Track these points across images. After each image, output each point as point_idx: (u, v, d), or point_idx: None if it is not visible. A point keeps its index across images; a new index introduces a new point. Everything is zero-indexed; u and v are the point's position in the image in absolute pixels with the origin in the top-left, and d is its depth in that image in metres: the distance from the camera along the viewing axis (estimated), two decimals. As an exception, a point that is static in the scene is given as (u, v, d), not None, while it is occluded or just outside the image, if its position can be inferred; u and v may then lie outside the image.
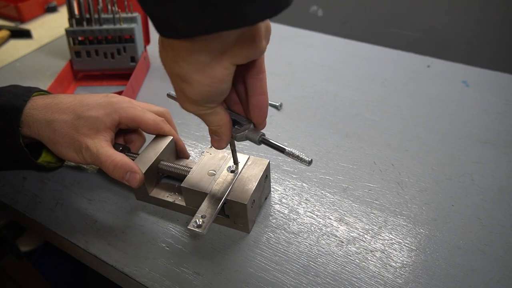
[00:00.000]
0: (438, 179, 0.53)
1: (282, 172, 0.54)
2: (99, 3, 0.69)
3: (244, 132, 0.39)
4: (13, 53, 0.85)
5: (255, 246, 0.45)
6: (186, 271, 0.43)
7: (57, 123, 0.47)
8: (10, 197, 0.53)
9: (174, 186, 0.51)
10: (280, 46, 0.83)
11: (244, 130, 0.39)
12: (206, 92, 0.32)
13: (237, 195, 0.43)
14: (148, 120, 0.50)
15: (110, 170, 0.45)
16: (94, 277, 0.92)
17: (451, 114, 0.64)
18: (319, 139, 0.60)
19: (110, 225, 0.48)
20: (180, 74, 0.31)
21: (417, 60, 0.77)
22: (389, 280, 0.41)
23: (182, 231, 0.47)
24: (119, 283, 0.47)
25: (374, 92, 0.69)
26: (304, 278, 0.42)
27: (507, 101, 0.66)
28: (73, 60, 0.73)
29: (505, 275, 0.41)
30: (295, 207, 0.49)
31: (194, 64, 0.30)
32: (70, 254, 0.51)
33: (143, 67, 0.74)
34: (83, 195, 0.52)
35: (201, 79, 0.31)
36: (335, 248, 0.45)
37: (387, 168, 0.54)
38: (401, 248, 0.44)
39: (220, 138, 0.39)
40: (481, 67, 0.74)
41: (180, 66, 0.31)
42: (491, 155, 0.56)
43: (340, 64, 0.77)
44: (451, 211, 0.48)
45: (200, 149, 0.59)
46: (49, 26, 0.96)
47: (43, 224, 0.50)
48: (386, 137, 0.60)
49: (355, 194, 0.51)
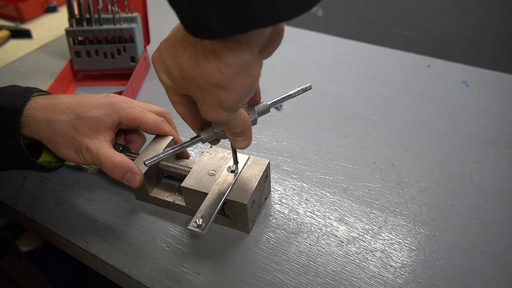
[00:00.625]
0: (438, 179, 0.53)
1: (282, 172, 0.54)
2: (99, 3, 0.69)
3: (255, 116, 0.41)
4: (13, 53, 0.85)
5: (255, 246, 0.45)
6: (186, 271, 0.43)
7: (57, 124, 0.47)
8: (10, 197, 0.53)
9: (174, 186, 0.51)
10: (280, 46, 0.83)
11: (253, 113, 0.40)
12: (245, 94, 0.31)
13: (237, 195, 0.43)
14: (148, 120, 0.50)
15: (110, 170, 0.45)
16: (94, 277, 0.92)
17: (451, 114, 0.64)
18: (319, 139, 0.60)
19: (110, 225, 0.48)
20: (221, 81, 0.30)
21: (417, 60, 0.77)
22: (389, 280, 0.41)
23: (182, 231, 0.47)
24: (119, 283, 0.47)
25: (374, 92, 0.69)
26: (304, 278, 0.42)
27: (507, 101, 0.66)
28: (73, 60, 0.73)
29: (505, 275, 0.41)
30: (295, 207, 0.49)
31: (237, 66, 0.29)
32: (70, 254, 0.51)
33: (143, 67, 0.74)
34: (83, 195, 0.52)
35: (243, 81, 0.30)
36: (335, 248, 0.45)
37: (387, 168, 0.54)
38: (401, 248, 0.44)
39: (245, 136, 0.39)
40: (481, 67, 0.74)
41: (222, 72, 0.29)
42: (491, 155, 0.56)
43: (340, 64, 0.77)
44: (451, 211, 0.48)
45: (200, 149, 0.59)
46: (49, 26, 0.96)
47: (43, 224, 0.50)
48: (386, 137, 0.60)
49: (355, 194, 0.51)
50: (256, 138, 0.60)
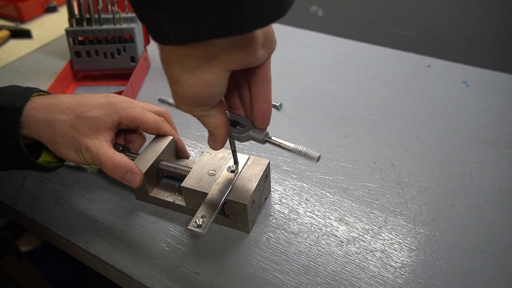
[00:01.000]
0: (438, 179, 0.53)
1: (282, 172, 0.54)
2: (99, 3, 0.69)
3: (248, 132, 0.39)
4: (13, 53, 0.85)
5: (255, 246, 0.45)
6: (186, 271, 0.43)
7: (57, 124, 0.47)
8: (10, 197, 0.53)
9: (174, 186, 0.51)
10: (280, 46, 0.83)
11: (248, 130, 0.39)
12: (196, 94, 0.32)
13: (237, 195, 0.43)
14: (148, 120, 0.50)
15: (110, 170, 0.45)
16: (94, 277, 0.92)
17: (451, 114, 0.64)
18: (319, 139, 0.60)
19: (110, 225, 0.48)
20: (171, 75, 0.31)
21: (417, 60, 0.77)
22: (389, 280, 0.41)
23: (182, 231, 0.47)
24: (119, 283, 0.47)
25: (374, 92, 0.69)
26: (304, 278, 0.42)
27: (507, 101, 0.66)
28: (73, 60, 0.73)
29: (505, 275, 0.41)
30: (295, 207, 0.49)
31: (184, 67, 0.30)
32: (70, 254, 0.51)
33: (143, 67, 0.74)
34: (83, 195, 0.52)
35: (190, 81, 0.31)
36: (335, 248, 0.45)
37: (387, 168, 0.54)
38: (401, 248, 0.44)
39: (215, 139, 0.39)
40: (481, 67, 0.74)
41: (171, 67, 0.31)
42: (491, 155, 0.56)
43: (340, 64, 0.77)
44: (451, 211, 0.48)
45: (200, 149, 0.59)
46: (49, 26, 0.96)
47: (43, 224, 0.50)
48: (386, 137, 0.60)
49: (355, 194, 0.51)
50: (256, 138, 0.60)
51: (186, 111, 0.36)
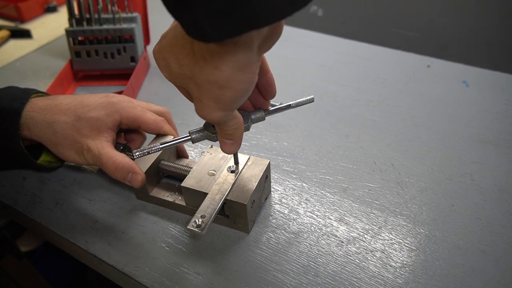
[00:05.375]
0: (438, 179, 0.53)
1: (282, 172, 0.54)
2: (99, 3, 0.69)
3: (250, 118, 0.41)
4: (13, 53, 0.85)
5: (255, 246, 0.45)
6: (186, 271, 0.43)
7: (58, 125, 0.47)
8: (10, 197, 0.53)
9: (174, 186, 0.51)
10: (280, 46, 0.83)
11: (249, 116, 0.41)
12: (244, 91, 0.32)
13: (237, 195, 0.43)
14: (149, 120, 0.50)
15: (111, 171, 0.45)
16: (94, 277, 0.92)
17: (451, 114, 0.64)
18: (319, 139, 0.60)
19: (110, 225, 0.48)
20: (219, 79, 0.30)
21: (417, 60, 0.77)
22: (389, 280, 0.41)
23: (182, 231, 0.47)
24: (119, 283, 0.47)
25: (374, 92, 0.69)
26: (304, 278, 0.42)
27: (507, 101, 0.66)
28: (73, 60, 0.73)
29: (505, 275, 0.41)
30: (295, 207, 0.49)
31: (235, 64, 0.29)
32: (70, 254, 0.51)
33: (143, 67, 0.74)
34: (83, 195, 0.52)
35: (241, 78, 0.30)
36: (335, 248, 0.45)
37: (387, 168, 0.54)
38: (401, 248, 0.44)
39: (234, 141, 0.39)
40: (481, 67, 0.74)
41: (220, 70, 0.29)
42: (491, 155, 0.56)
43: (340, 64, 0.77)
44: (451, 211, 0.48)
45: (200, 149, 0.59)
46: (49, 26, 0.96)
47: (43, 224, 0.50)
48: (386, 137, 0.60)
49: (355, 194, 0.51)
50: (256, 138, 0.60)
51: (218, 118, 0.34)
